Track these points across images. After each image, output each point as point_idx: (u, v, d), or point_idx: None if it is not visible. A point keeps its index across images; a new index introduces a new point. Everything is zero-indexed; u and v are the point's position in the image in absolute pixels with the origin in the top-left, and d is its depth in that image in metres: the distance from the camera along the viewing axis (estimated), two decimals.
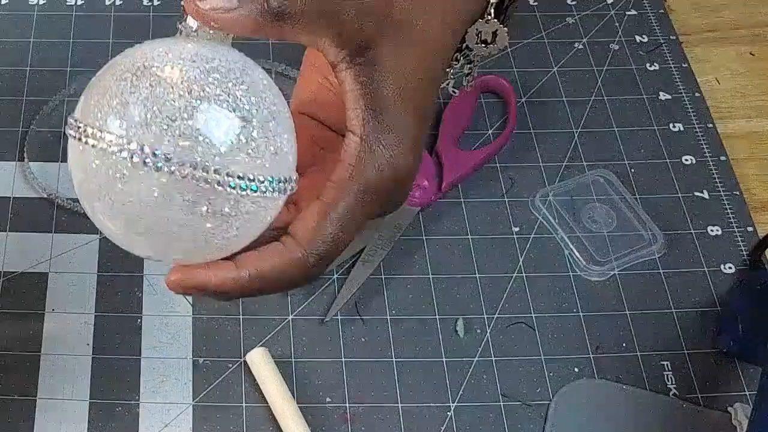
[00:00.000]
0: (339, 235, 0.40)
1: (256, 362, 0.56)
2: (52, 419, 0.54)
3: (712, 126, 0.70)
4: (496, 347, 0.59)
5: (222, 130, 0.35)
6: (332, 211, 0.40)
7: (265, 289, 0.40)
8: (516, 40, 0.74)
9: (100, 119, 0.36)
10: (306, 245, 0.39)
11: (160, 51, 0.37)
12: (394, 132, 0.40)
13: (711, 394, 0.58)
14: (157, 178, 0.35)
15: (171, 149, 0.35)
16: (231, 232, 0.37)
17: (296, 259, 0.39)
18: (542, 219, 0.64)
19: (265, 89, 0.38)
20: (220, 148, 0.35)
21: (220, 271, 0.39)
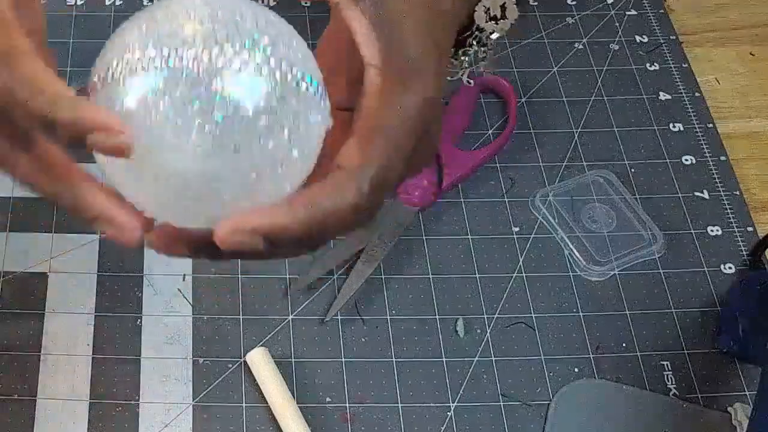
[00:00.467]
0: (385, 162, 0.37)
1: (256, 362, 0.56)
2: (52, 419, 0.54)
3: (712, 126, 0.70)
4: (496, 347, 0.59)
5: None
6: (373, 139, 0.37)
7: (325, 229, 0.36)
8: (516, 40, 0.74)
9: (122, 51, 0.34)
10: (354, 172, 0.36)
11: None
12: (415, 62, 0.38)
13: (711, 394, 0.58)
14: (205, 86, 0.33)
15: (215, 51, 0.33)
16: (286, 151, 0.35)
17: (348, 186, 0.36)
18: (542, 219, 0.64)
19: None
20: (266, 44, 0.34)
21: (273, 212, 0.35)
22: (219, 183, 0.34)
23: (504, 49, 0.74)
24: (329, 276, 0.61)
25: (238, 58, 0.33)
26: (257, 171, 0.34)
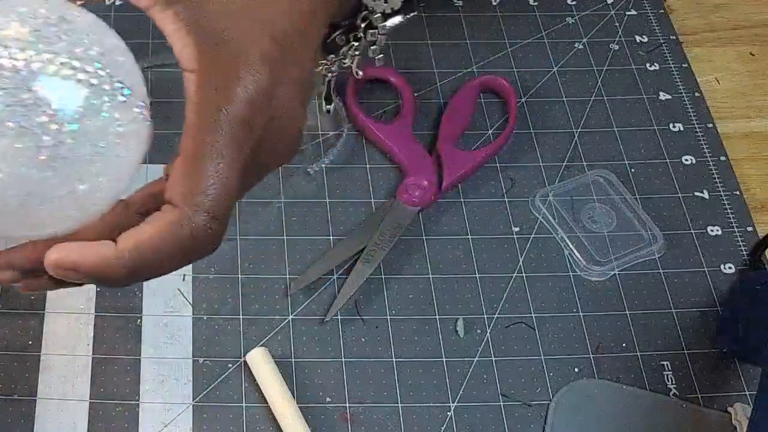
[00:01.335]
0: (219, 182, 0.35)
1: (256, 362, 0.56)
2: (52, 419, 0.54)
3: (712, 126, 0.70)
4: (496, 347, 0.59)
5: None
6: (198, 159, 0.35)
7: (157, 265, 0.35)
8: (516, 40, 0.74)
9: None
10: (183, 203, 0.34)
11: None
12: (237, 56, 0.36)
13: (711, 394, 0.58)
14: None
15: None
16: (103, 162, 0.33)
17: (178, 221, 0.34)
18: (542, 219, 0.64)
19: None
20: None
21: (95, 248, 0.34)
22: (26, 187, 0.33)
23: (504, 49, 0.74)
24: (329, 276, 0.61)
25: (60, 61, 0.33)
26: (67, 177, 0.33)
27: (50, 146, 0.33)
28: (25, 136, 0.32)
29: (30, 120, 0.32)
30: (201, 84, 0.35)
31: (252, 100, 0.36)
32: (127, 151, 0.35)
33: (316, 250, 0.61)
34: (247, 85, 0.36)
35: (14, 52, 0.32)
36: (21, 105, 0.32)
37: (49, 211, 0.34)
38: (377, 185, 0.65)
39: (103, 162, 0.34)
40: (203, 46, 0.36)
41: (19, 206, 0.34)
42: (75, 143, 0.33)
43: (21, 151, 0.32)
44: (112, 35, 0.36)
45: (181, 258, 0.35)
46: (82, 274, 0.34)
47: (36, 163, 0.33)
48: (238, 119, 0.35)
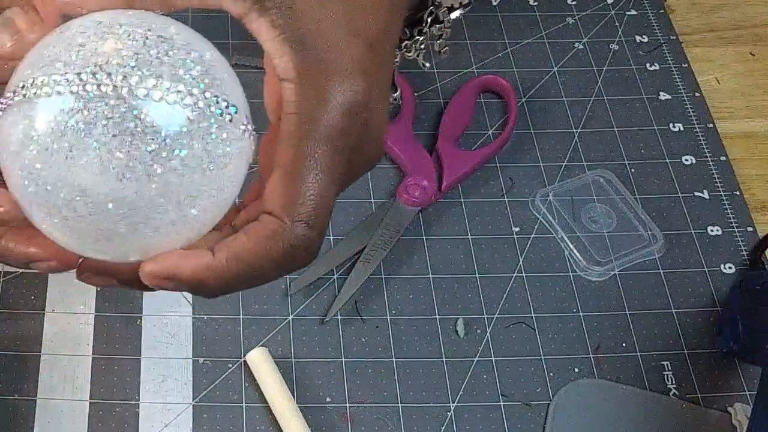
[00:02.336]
0: (318, 193, 0.35)
1: (256, 362, 0.56)
2: (52, 419, 0.54)
3: (712, 126, 0.70)
4: (496, 347, 0.59)
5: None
6: (298, 170, 0.34)
7: (254, 276, 0.35)
8: (516, 40, 0.74)
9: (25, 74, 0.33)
10: (283, 214, 0.34)
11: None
12: (334, 63, 0.35)
13: (711, 394, 0.58)
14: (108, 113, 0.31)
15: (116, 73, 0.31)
16: (207, 184, 0.33)
17: (277, 231, 0.34)
18: (542, 219, 0.64)
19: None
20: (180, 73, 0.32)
21: (192, 258, 0.34)
22: (142, 221, 0.33)
23: (504, 49, 0.74)
24: (329, 276, 0.61)
25: (160, 85, 0.32)
26: (178, 204, 0.33)
27: (160, 174, 0.32)
28: (135, 165, 0.32)
29: (139, 148, 0.32)
30: (299, 94, 0.35)
31: (349, 110, 0.35)
32: (234, 169, 0.34)
33: None
34: (345, 94, 0.35)
35: (118, 79, 0.32)
36: (129, 134, 0.31)
37: (161, 237, 0.34)
38: (377, 185, 0.65)
39: (213, 183, 0.33)
40: (300, 55, 0.35)
41: (130, 233, 0.33)
42: (185, 169, 0.32)
43: (131, 180, 0.32)
44: (210, 49, 0.35)
45: (278, 268, 0.35)
46: (178, 284, 0.34)
47: (147, 192, 0.32)
48: (336, 129, 0.35)
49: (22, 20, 0.35)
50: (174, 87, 0.32)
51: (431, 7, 0.44)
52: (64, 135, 0.32)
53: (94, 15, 0.34)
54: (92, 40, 0.33)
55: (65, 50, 0.33)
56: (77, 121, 0.31)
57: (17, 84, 0.33)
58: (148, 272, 0.34)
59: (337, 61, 0.35)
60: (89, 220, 0.33)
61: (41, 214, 0.33)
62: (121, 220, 0.32)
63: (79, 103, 0.31)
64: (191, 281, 0.34)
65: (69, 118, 0.32)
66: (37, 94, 0.32)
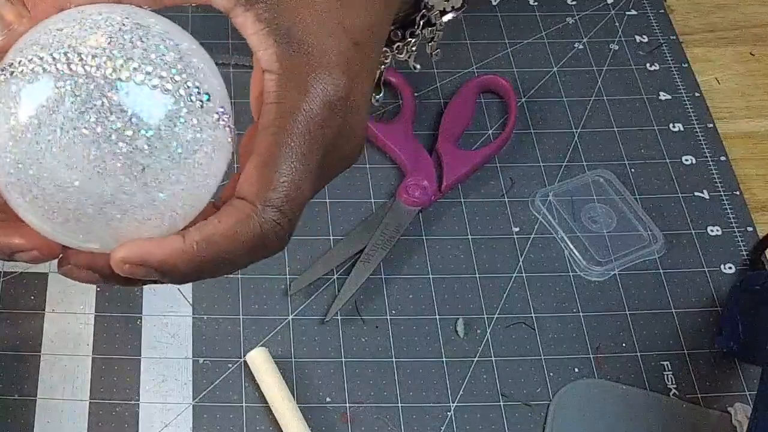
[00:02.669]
0: (292, 181, 0.35)
1: (256, 362, 0.56)
2: (52, 419, 0.54)
3: (712, 126, 0.70)
4: (496, 347, 0.59)
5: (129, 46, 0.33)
6: (273, 157, 0.35)
7: (225, 261, 0.35)
8: (516, 40, 0.74)
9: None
10: (255, 198, 0.34)
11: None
12: (317, 57, 0.36)
13: (711, 394, 0.58)
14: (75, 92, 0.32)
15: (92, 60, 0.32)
16: (184, 173, 0.33)
17: (248, 216, 0.34)
18: (542, 219, 0.64)
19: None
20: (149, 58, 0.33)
21: (163, 243, 0.34)
22: (109, 201, 0.33)
23: (504, 49, 0.74)
24: (329, 276, 0.61)
25: (128, 66, 0.32)
26: (145, 185, 0.33)
27: (126, 153, 0.32)
28: (100, 143, 0.32)
29: (104, 126, 0.32)
30: (281, 85, 0.35)
31: (329, 103, 0.36)
32: (207, 159, 0.34)
33: (316, 250, 0.61)
34: (326, 87, 0.36)
35: (88, 59, 0.32)
36: (95, 111, 0.32)
37: (130, 222, 0.34)
38: (377, 185, 0.65)
39: (182, 170, 0.33)
40: (284, 48, 0.36)
41: (98, 216, 0.33)
42: (151, 150, 0.32)
43: (96, 158, 0.32)
44: (190, 40, 0.35)
45: (249, 254, 0.35)
46: (149, 269, 0.34)
47: (112, 170, 0.32)
48: (315, 121, 0.35)
49: (11, 13, 0.35)
50: (143, 68, 0.33)
51: (423, 10, 0.44)
52: (34, 113, 0.32)
53: (81, 7, 0.35)
54: (70, 25, 0.34)
55: (44, 34, 0.34)
56: (47, 99, 0.32)
57: (0, 68, 0.34)
58: (118, 259, 0.34)
59: (320, 55, 0.36)
60: (57, 198, 0.33)
61: (15, 194, 0.34)
62: (87, 199, 0.33)
63: (49, 81, 0.32)
64: (162, 266, 0.34)
65: (39, 96, 0.32)
66: (14, 74, 0.33)
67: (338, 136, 0.37)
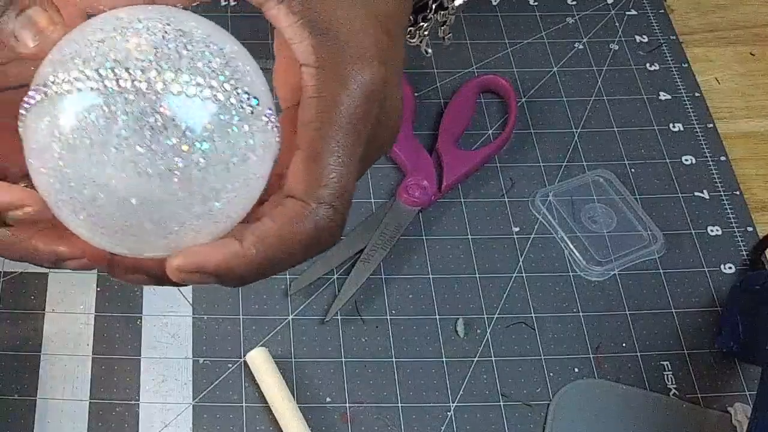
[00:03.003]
0: (339, 175, 0.35)
1: (256, 362, 0.56)
2: (52, 419, 0.54)
3: (712, 126, 0.70)
4: (496, 347, 0.59)
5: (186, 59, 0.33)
6: (319, 153, 0.35)
7: (281, 260, 0.35)
8: (516, 40, 0.74)
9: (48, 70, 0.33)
10: (306, 197, 0.34)
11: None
12: (353, 48, 0.35)
13: (711, 394, 0.58)
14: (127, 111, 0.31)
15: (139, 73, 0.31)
16: (234, 177, 0.33)
17: (301, 215, 0.34)
18: (542, 219, 0.64)
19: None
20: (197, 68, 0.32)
21: (220, 247, 0.34)
22: (166, 216, 0.33)
23: (504, 49, 0.74)
24: (329, 276, 0.61)
25: (179, 79, 0.32)
26: (203, 198, 0.33)
27: (182, 168, 0.32)
28: (156, 160, 0.31)
29: (160, 143, 0.31)
30: (320, 78, 0.35)
31: (369, 92, 0.36)
32: (258, 162, 0.34)
33: None
34: (364, 77, 0.35)
35: (137, 74, 0.31)
36: (149, 128, 0.31)
37: (186, 233, 0.33)
38: (377, 185, 0.65)
39: (237, 177, 0.33)
40: (319, 39, 0.35)
41: (155, 229, 0.33)
42: (207, 162, 0.32)
43: (153, 175, 0.32)
44: (232, 42, 0.35)
45: (305, 252, 0.35)
46: (207, 275, 0.34)
47: (170, 186, 0.32)
48: (357, 112, 0.35)
49: (43, 19, 0.34)
50: (193, 80, 0.32)
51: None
52: (85, 132, 0.31)
53: (115, 11, 0.34)
54: (111, 35, 0.33)
55: (85, 47, 0.33)
56: (98, 117, 0.31)
57: (39, 83, 0.33)
58: (175, 267, 0.34)
59: (355, 45, 0.36)
60: (114, 216, 0.32)
61: (67, 212, 0.33)
62: (145, 215, 0.32)
63: (99, 99, 0.31)
64: (219, 271, 0.34)
65: (89, 115, 0.31)
66: (58, 92, 0.32)
67: (377, 125, 0.37)
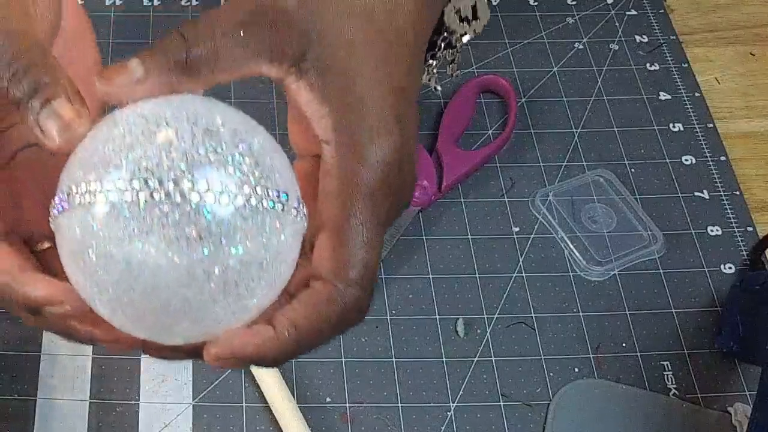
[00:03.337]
0: (366, 252, 0.35)
1: None
2: (52, 419, 0.54)
3: (712, 126, 0.70)
4: (496, 347, 0.59)
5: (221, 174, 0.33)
6: (344, 231, 0.35)
7: (313, 341, 0.35)
8: (516, 40, 0.74)
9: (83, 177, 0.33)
10: (335, 278, 0.35)
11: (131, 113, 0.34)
12: (372, 120, 0.36)
13: (711, 394, 0.58)
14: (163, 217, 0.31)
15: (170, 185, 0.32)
16: (263, 269, 0.33)
17: (332, 296, 0.35)
18: (542, 219, 0.64)
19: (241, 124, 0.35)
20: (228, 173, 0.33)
21: (255, 335, 0.35)
22: (204, 316, 0.33)
23: (504, 49, 0.74)
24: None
25: (212, 188, 0.32)
26: (238, 296, 0.33)
27: (219, 274, 0.32)
28: (194, 269, 0.32)
29: (197, 251, 0.32)
30: (341, 154, 0.36)
31: (388, 162, 0.36)
32: (289, 251, 0.35)
33: None
34: (383, 148, 0.36)
35: (170, 186, 0.32)
36: (185, 239, 0.32)
37: (222, 325, 0.34)
38: None
39: (271, 273, 0.34)
40: (338, 115, 0.36)
41: (193, 326, 0.34)
42: (242, 266, 0.33)
43: (191, 283, 0.32)
44: (257, 132, 0.35)
45: (334, 331, 0.36)
46: (243, 361, 0.35)
47: (207, 290, 0.32)
48: (378, 187, 0.36)
49: (70, 112, 0.34)
50: (226, 188, 0.32)
51: (444, 33, 0.44)
52: (121, 242, 0.32)
53: (139, 106, 0.34)
54: (140, 140, 0.33)
55: (115, 153, 0.33)
56: (133, 228, 0.32)
57: (70, 186, 0.33)
58: (213, 355, 0.35)
59: (375, 116, 0.36)
60: (152, 318, 0.33)
61: (105, 311, 0.34)
62: (182, 316, 0.33)
63: (134, 210, 0.32)
64: (255, 357, 0.35)
65: (125, 225, 0.32)
66: (92, 202, 0.32)
67: (398, 189, 0.37)
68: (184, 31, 0.35)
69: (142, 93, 0.35)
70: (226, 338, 0.34)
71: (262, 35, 0.36)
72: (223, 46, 0.35)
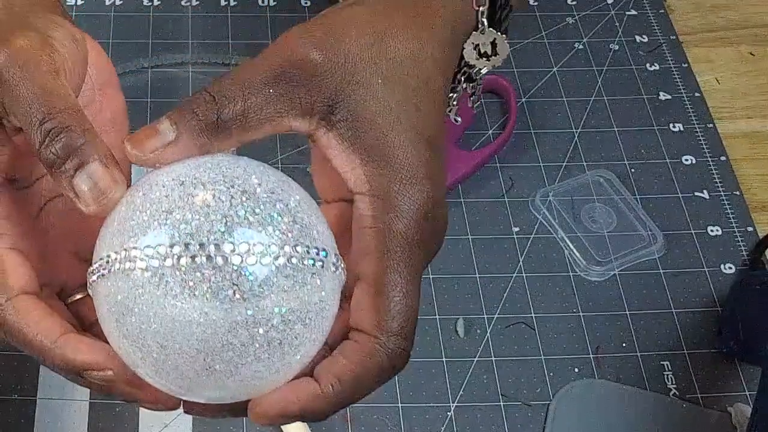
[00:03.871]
0: (405, 303, 0.36)
1: None
2: (52, 419, 0.54)
3: (712, 126, 0.70)
4: (496, 347, 0.59)
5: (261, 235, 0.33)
6: (383, 284, 0.36)
7: (357, 393, 0.36)
8: (516, 40, 0.74)
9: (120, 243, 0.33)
10: (377, 331, 0.35)
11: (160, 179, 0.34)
12: (404, 171, 0.36)
13: (711, 394, 0.58)
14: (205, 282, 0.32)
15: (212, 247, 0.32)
16: (304, 327, 0.34)
17: (374, 349, 0.35)
18: (542, 219, 0.64)
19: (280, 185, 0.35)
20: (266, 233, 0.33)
21: (300, 392, 0.35)
22: (244, 372, 0.33)
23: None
24: None
25: (253, 250, 0.32)
26: (282, 354, 0.33)
27: (263, 334, 0.33)
28: (237, 331, 0.32)
29: (240, 313, 0.32)
30: (374, 207, 0.36)
31: (423, 215, 0.36)
32: (331, 306, 0.35)
33: None
34: (416, 198, 0.36)
35: (211, 249, 0.32)
36: (228, 302, 0.32)
37: (266, 384, 0.34)
38: None
39: (313, 328, 0.34)
40: (370, 167, 0.36)
41: (238, 386, 0.34)
42: (285, 324, 0.33)
43: (236, 346, 0.32)
44: (295, 190, 0.35)
45: (378, 381, 0.36)
46: (289, 419, 0.35)
47: (251, 351, 0.33)
48: (413, 238, 0.36)
49: (105, 178, 0.34)
50: (267, 249, 0.32)
51: (464, 68, 0.45)
52: (164, 307, 0.32)
53: (174, 169, 0.34)
54: (178, 205, 0.33)
55: (153, 218, 0.33)
56: (176, 294, 0.32)
57: (109, 252, 0.33)
58: (258, 414, 0.35)
59: (406, 167, 0.36)
60: (198, 380, 0.33)
61: (148, 374, 0.34)
62: (229, 377, 0.33)
63: (175, 274, 0.32)
64: (302, 414, 0.35)
65: (167, 291, 0.32)
66: (131, 268, 0.32)
67: (431, 236, 0.37)
68: (214, 90, 0.35)
69: (174, 156, 0.35)
70: (272, 396, 0.35)
71: (291, 92, 0.36)
72: (252, 106, 0.35)
